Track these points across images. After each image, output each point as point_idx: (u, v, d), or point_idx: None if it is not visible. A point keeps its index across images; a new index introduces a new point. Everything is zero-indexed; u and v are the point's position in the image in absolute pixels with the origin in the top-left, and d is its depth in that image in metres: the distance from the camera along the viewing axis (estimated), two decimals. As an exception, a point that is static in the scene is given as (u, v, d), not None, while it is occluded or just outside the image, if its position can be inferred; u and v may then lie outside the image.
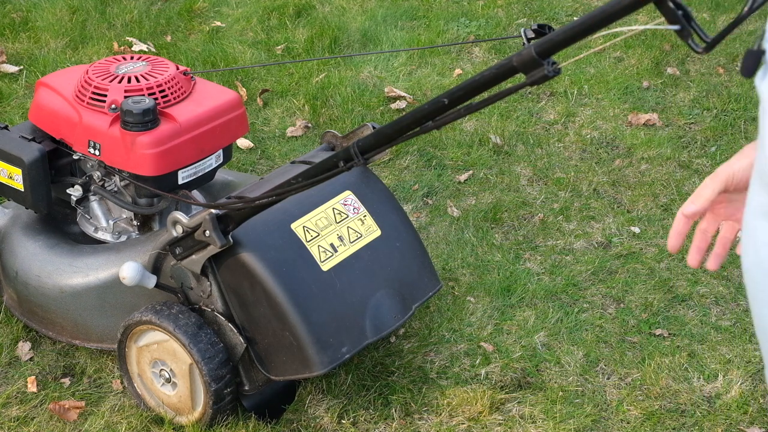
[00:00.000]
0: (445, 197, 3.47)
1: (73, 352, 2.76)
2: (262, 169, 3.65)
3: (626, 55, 4.43)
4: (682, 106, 4.05)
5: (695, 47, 1.15)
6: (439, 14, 4.85)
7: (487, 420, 2.53)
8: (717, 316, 2.91)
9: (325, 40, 4.53)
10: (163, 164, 2.50)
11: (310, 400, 2.60)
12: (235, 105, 2.65)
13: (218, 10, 4.91)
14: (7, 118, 3.85)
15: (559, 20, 4.83)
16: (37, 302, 2.68)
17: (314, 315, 2.29)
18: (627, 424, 2.53)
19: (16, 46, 4.47)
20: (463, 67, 4.39)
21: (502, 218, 3.35)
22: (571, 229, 3.28)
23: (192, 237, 2.30)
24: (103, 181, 2.65)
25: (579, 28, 1.17)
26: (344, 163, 1.64)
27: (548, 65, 1.19)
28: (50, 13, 4.71)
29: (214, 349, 2.35)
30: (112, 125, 2.51)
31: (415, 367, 2.71)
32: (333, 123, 3.89)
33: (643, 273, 3.08)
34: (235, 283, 2.34)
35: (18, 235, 2.74)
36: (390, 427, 2.53)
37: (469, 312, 2.91)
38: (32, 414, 2.56)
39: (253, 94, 4.11)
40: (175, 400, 2.48)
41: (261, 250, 2.30)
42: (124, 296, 2.55)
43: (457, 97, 1.36)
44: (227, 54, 4.39)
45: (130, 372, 2.55)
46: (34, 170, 2.58)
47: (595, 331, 2.84)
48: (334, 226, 2.42)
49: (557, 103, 4.07)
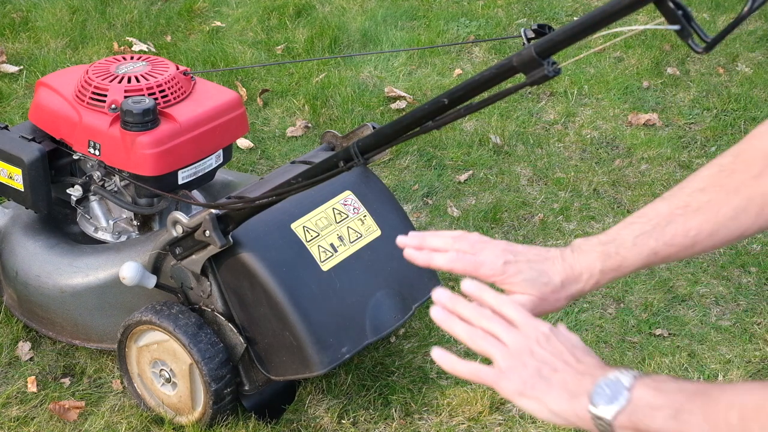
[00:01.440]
0: (445, 197, 3.47)
1: (73, 352, 2.76)
2: (262, 169, 3.65)
3: (626, 55, 4.43)
4: (682, 106, 4.05)
5: (695, 47, 1.15)
6: (439, 14, 4.85)
7: (487, 420, 2.53)
8: (717, 316, 2.91)
9: (325, 40, 4.53)
10: (163, 164, 2.50)
11: (310, 400, 2.60)
12: (235, 105, 2.65)
13: (218, 10, 4.91)
14: (7, 118, 3.85)
15: (559, 20, 4.83)
16: (37, 302, 2.68)
17: (314, 315, 2.29)
18: (627, 424, 2.53)
19: (16, 46, 4.47)
20: (463, 67, 4.39)
21: (502, 218, 3.35)
22: (571, 229, 3.28)
23: (192, 237, 2.30)
24: (103, 181, 2.65)
25: (579, 28, 1.16)
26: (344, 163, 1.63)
27: (548, 65, 1.19)
28: (50, 13, 4.71)
29: (214, 349, 2.35)
30: (112, 125, 2.51)
31: (415, 367, 2.71)
32: (333, 123, 3.89)
33: (643, 273, 3.08)
34: (235, 283, 2.34)
35: (18, 235, 2.74)
36: (390, 427, 2.53)
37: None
38: (32, 414, 2.56)
39: (253, 94, 4.11)
40: (175, 400, 2.48)
41: (261, 250, 2.30)
42: (124, 296, 2.55)
43: (457, 97, 1.35)
44: (227, 54, 4.39)
45: (130, 372, 2.55)
46: (34, 170, 2.58)
47: (595, 331, 2.84)
48: (334, 226, 2.42)
49: (557, 103, 4.07)
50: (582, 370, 1.11)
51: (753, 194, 1.25)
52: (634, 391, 1.06)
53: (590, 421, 1.08)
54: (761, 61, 4.42)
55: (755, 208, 1.25)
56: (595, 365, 1.12)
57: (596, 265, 1.29)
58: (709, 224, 1.27)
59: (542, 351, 1.13)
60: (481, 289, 1.20)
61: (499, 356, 1.14)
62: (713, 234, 1.27)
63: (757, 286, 3.04)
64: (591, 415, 1.07)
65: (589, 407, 1.07)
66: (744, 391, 1.02)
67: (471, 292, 1.21)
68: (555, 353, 1.13)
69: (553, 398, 1.10)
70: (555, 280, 1.28)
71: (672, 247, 1.28)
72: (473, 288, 1.20)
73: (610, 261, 1.30)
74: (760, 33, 4.68)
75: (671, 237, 1.28)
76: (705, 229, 1.27)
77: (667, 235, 1.28)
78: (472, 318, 1.17)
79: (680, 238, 1.28)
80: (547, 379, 1.11)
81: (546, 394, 1.10)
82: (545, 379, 1.11)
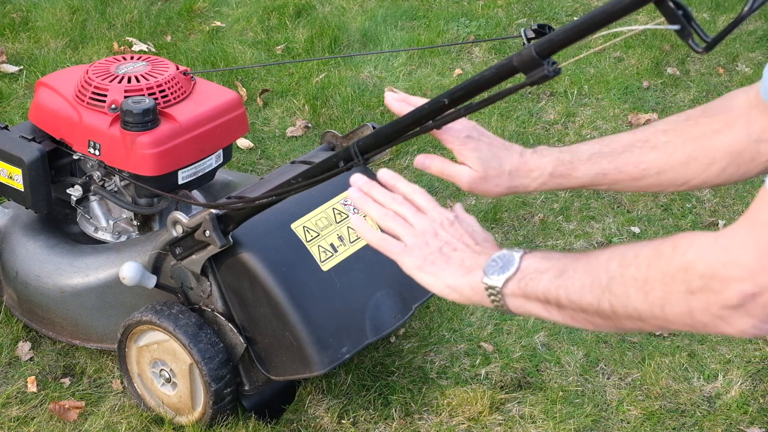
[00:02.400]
0: (445, 197, 3.47)
1: (73, 352, 2.76)
2: (262, 169, 3.65)
3: (626, 55, 4.43)
4: (682, 106, 4.05)
5: (695, 47, 1.15)
6: (439, 14, 4.85)
7: (487, 420, 2.53)
8: (717, 316, 2.91)
9: (325, 40, 4.53)
10: (163, 164, 2.50)
11: (310, 400, 2.60)
12: (235, 105, 2.65)
13: (218, 10, 4.91)
14: (7, 118, 3.85)
15: (559, 20, 4.83)
16: (37, 302, 2.68)
17: (314, 315, 2.29)
18: (627, 424, 2.53)
19: (16, 46, 4.47)
20: (463, 67, 4.39)
21: (502, 218, 3.35)
22: (571, 229, 3.28)
23: (192, 237, 2.30)
24: (103, 181, 2.65)
25: (579, 28, 1.16)
26: (344, 163, 1.63)
27: (548, 65, 1.19)
28: (50, 13, 4.71)
29: (214, 349, 2.35)
30: (112, 125, 2.51)
31: (415, 367, 2.71)
32: (333, 123, 3.89)
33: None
34: (235, 283, 2.34)
35: (18, 235, 2.74)
36: (390, 427, 2.53)
37: (469, 312, 2.91)
38: (32, 414, 2.56)
39: (253, 94, 4.11)
40: (175, 400, 2.48)
41: (261, 250, 2.30)
42: (124, 296, 2.55)
43: (457, 97, 1.35)
44: (227, 54, 4.39)
45: (130, 372, 2.55)
46: (34, 170, 2.58)
47: (595, 331, 2.84)
48: (334, 226, 2.42)
49: (557, 103, 4.07)
50: (479, 250, 1.22)
51: (708, 147, 1.34)
52: (523, 261, 1.16)
53: (483, 292, 1.17)
54: (761, 61, 4.42)
55: (706, 160, 1.34)
56: (492, 247, 1.23)
57: (547, 168, 1.40)
58: (660, 162, 1.36)
59: (445, 233, 1.24)
60: (395, 178, 1.31)
61: (404, 234, 1.25)
62: (661, 173, 1.36)
63: (757, 286, 3.04)
64: (484, 286, 1.17)
65: (483, 278, 1.17)
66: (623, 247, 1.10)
67: (386, 180, 1.31)
68: (456, 236, 1.24)
69: (449, 273, 1.21)
70: (505, 166, 1.40)
71: (621, 174, 1.39)
72: (388, 176, 1.31)
73: (561, 168, 1.40)
74: (760, 33, 4.68)
75: (623, 164, 1.38)
76: (655, 166, 1.36)
77: (620, 161, 1.38)
78: (385, 201, 1.28)
79: (630, 168, 1.38)
80: (447, 256, 1.22)
81: (443, 270, 1.21)
82: (445, 256, 1.22)
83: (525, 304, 1.15)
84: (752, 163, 1.32)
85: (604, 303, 1.07)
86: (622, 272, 1.06)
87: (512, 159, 1.41)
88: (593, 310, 1.09)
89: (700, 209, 3.41)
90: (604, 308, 1.07)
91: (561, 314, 1.13)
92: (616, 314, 1.07)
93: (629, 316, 1.06)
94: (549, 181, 1.41)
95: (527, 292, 1.14)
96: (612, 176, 1.39)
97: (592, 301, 1.08)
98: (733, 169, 1.33)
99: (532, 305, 1.14)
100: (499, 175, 1.40)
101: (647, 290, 1.03)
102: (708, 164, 1.34)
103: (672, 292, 1.01)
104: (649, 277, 1.03)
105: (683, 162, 1.35)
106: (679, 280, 1.00)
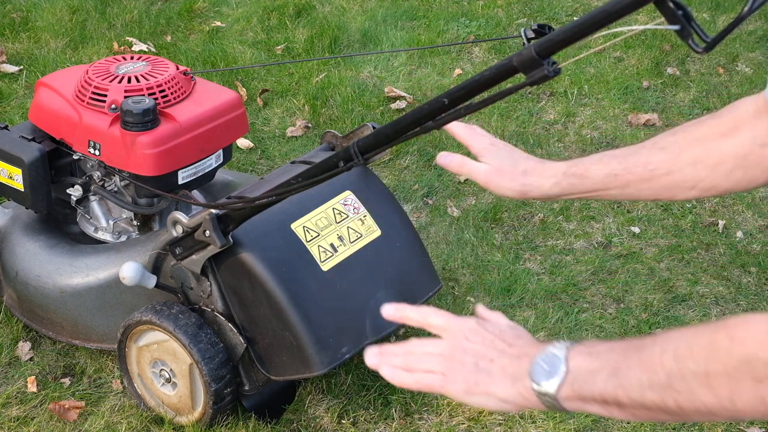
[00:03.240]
0: (445, 197, 3.47)
1: (73, 352, 2.76)
2: (262, 169, 3.65)
3: (626, 55, 4.43)
4: (682, 106, 4.05)
5: (695, 47, 1.15)
6: (439, 14, 4.85)
7: (487, 420, 2.53)
8: (717, 316, 2.91)
9: (325, 40, 4.53)
10: (163, 164, 2.50)
11: (310, 400, 2.60)
12: (235, 105, 2.65)
13: (218, 10, 4.91)
14: (7, 118, 3.85)
15: (559, 20, 4.83)
16: (37, 302, 2.68)
17: (314, 315, 2.29)
18: (627, 424, 2.53)
19: (16, 46, 4.47)
20: (463, 67, 4.39)
21: (502, 218, 3.35)
22: (571, 229, 3.28)
23: (192, 237, 2.30)
24: (103, 181, 2.65)
25: (579, 28, 1.16)
26: (344, 163, 1.63)
27: (548, 65, 1.19)
28: (50, 13, 4.71)
29: (214, 349, 2.35)
30: (112, 125, 2.51)
31: (415, 367, 2.71)
32: (333, 123, 3.89)
33: (643, 273, 3.08)
34: (235, 283, 2.34)
35: (18, 235, 2.74)
36: (390, 427, 2.53)
37: (469, 312, 2.91)
38: (32, 414, 2.56)
39: (253, 94, 4.11)
40: (175, 400, 2.48)
41: (261, 250, 2.30)
42: (124, 296, 2.55)
43: (457, 96, 1.35)
44: (227, 54, 4.39)
45: (130, 372, 2.55)
46: (34, 170, 2.58)
47: (595, 331, 2.84)
48: (334, 226, 2.42)
49: (557, 103, 4.07)
50: (516, 353, 1.14)
51: (714, 148, 1.36)
52: (570, 361, 1.09)
53: (536, 399, 1.11)
54: (761, 61, 4.42)
55: (712, 161, 1.36)
56: (528, 344, 1.16)
57: (561, 167, 1.45)
58: (668, 163, 1.39)
59: (473, 345, 1.17)
60: (400, 310, 1.26)
61: (436, 365, 1.18)
62: (669, 173, 1.39)
63: (757, 286, 3.04)
64: (536, 393, 1.10)
65: (532, 386, 1.10)
66: (673, 337, 1.05)
67: (391, 316, 1.27)
68: (486, 344, 1.17)
69: (499, 388, 1.13)
70: (520, 165, 1.47)
71: (631, 174, 1.41)
72: (393, 312, 1.26)
73: (574, 168, 1.45)
74: (760, 33, 4.68)
75: (632, 165, 1.41)
76: (664, 166, 1.39)
77: (629, 161, 1.42)
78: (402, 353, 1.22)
79: (640, 168, 1.41)
80: (487, 370, 1.14)
81: (491, 386, 1.14)
82: (485, 371, 1.14)
83: (582, 405, 1.10)
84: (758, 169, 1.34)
85: (669, 401, 1.03)
86: (680, 367, 1.02)
87: (529, 162, 1.48)
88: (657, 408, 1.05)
89: (700, 209, 3.41)
90: (669, 405, 1.03)
91: (622, 412, 1.08)
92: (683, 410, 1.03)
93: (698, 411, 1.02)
94: (563, 180, 1.45)
95: (583, 395, 1.09)
96: (622, 177, 1.42)
97: (654, 399, 1.04)
98: (740, 174, 1.35)
99: (590, 406, 1.09)
100: (514, 170, 1.47)
101: (712, 385, 1.00)
102: (715, 165, 1.36)
103: (739, 386, 0.98)
104: (710, 371, 1.00)
105: (690, 163, 1.37)
106: (743, 372, 0.98)
